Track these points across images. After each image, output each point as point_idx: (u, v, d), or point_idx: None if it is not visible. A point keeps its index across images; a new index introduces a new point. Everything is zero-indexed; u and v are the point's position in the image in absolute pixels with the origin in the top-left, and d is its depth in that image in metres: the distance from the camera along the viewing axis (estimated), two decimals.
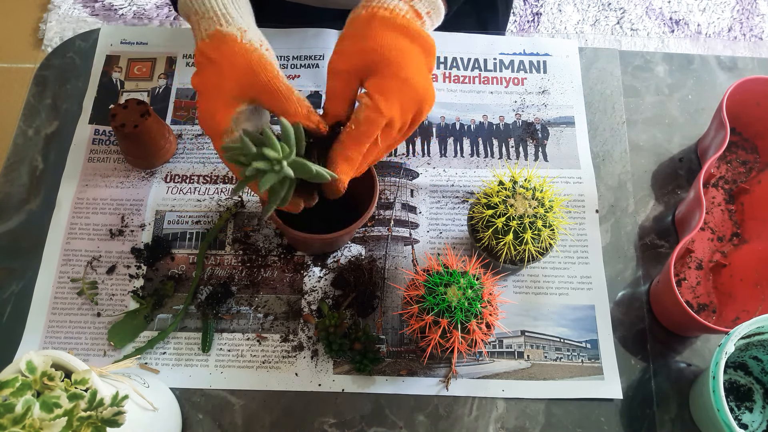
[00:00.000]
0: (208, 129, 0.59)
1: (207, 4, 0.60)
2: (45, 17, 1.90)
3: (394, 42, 0.58)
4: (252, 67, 0.57)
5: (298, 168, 0.56)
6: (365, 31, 0.59)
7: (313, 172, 0.56)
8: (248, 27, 0.59)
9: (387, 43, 0.58)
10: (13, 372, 0.48)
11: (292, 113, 0.57)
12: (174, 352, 0.72)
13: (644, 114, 0.88)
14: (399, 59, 0.58)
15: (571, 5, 1.96)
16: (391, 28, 0.59)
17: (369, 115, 0.57)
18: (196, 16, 0.61)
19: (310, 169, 0.56)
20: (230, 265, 0.77)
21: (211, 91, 0.58)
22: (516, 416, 0.70)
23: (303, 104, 0.58)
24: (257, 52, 0.58)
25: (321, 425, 0.69)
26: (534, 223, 0.65)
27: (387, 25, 0.59)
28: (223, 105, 0.58)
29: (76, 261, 0.76)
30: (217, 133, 0.58)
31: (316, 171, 0.56)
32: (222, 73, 0.58)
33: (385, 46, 0.58)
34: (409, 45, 0.59)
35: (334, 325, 0.71)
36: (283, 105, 0.57)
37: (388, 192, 0.81)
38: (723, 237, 0.80)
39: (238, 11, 0.60)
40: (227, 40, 0.58)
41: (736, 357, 0.71)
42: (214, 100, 0.58)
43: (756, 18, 1.96)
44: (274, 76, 0.57)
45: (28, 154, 0.83)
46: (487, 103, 0.88)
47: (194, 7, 0.61)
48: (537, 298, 0.76)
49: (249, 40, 0.58)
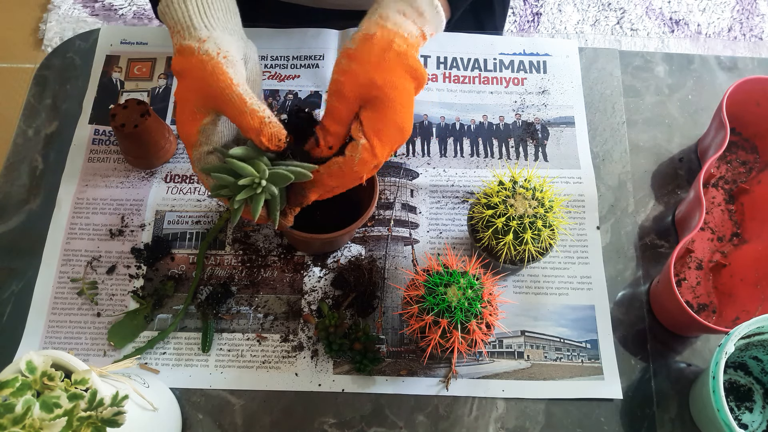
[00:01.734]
0: (182, 138, 0.61)
1: (174, 17, 0.60)
2: (45, 17, 1.90)
3: (401, 82, 0.59)
4: (206, 78, 0.57)
5: (278, 179, 0.58)
6: (378, 62, 0.58)
7: (291, 178, 0.58)
8: (209, 36, 0.58)
9: (394, 82, 0.58)
10: (13, 372, 0.48)
11: (244, 127, 0.57)
12: (174, 352, 0.72)
13: (644, 114, 0.88)
14: (400, 102, 0.59)
15: (571, 5, 1.96)
16: (403, 66, 0.59)
17: (364, 157, 0.58)
18: (170, 31, 0.61)
19: (288, 176, 0.57)
20: (230, 265, 0.77)
21: (180, 103, 0.59)
22: (516, 416, 0.70)
23: (255, 116, 0.56)
24: (212, 61, 0.57)
25: (321, 425, 0.69)
26: (534, 223, 0.65)
27: (400, 62, 0.59)
28: (191, 118, 0.59)
29: (76, 261, 0.76)
30: (189, 144, 0.60)
31: (294, 176, 0.58)
32: (186, 86, 0.59)
33: (393, 85, 0.58)
34: (410, 85, 0.60)
35: (334, 325, 0.71)
36: (236, 117, 0.57)
37: (388, 192, 0.81)
38: (723, 237, 0.80)
39: (204, 19, 0.60)
40: (186, 53, 0.58)
41: (736, 357, 0.71)
42: (183, 113, 0.59)
43: (756, 18, 1.96)
44: (226, 86, 0.56)
45: (28, 154, 0.83)
46: (487, 103, 0.88)
47: (166, 22, 0.61)
48: (537, 298, 0.76)
49: (206, 50, 0.57)
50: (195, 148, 0.60)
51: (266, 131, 0.56)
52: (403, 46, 0.59)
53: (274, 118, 0.57)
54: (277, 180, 0.58)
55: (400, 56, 0.58)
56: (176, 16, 0.60)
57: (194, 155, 0.60)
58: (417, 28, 0.60)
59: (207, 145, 0.60)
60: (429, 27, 0.62)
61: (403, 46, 0.59)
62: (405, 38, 0.59)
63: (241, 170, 0.56)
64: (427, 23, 0.61)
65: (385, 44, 0.58)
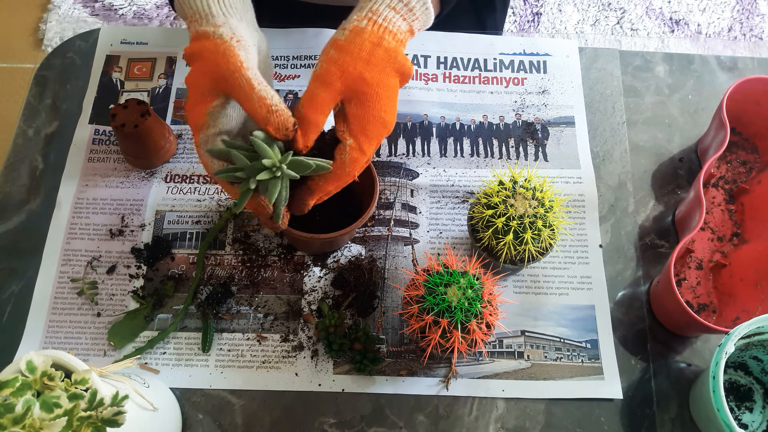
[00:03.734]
0: (190, 123, 0.61)
1: (193, 6, 0.60)
2: (45, 17, 1.90)
3: (388, 80, 0.60)
4: (217, 60, 0.57)
5: (298, 166, 0.57)
6: (368, 58, 0.58)
7: (312, 166, 0.57)
8: (225, 22, 0.59)
9: (382, 80, 0.59)
10: (13, 372, 0.48)
11: (252, 114, 0.56)
12: (174, 352, 0.72)
13: (644, 114, 0.88)
14: (386, 98, 0.60)
15: (571, 5, 1.96)
16: (391, 63, 0.59)
17: (354, 156, 0.59)
18: (186, 21, 0.62)
19: (309, 164, 0.57)
20: (230, 265, 0.77)
21: (191, 87, 0.59)
22: (516, 416, 0.70)
23: (263, 103, 0.56)
24: (225, 44, 0.57)
25: (321, 425, 0.69)
26: (534, 223, 0.65)
27: (389, 59, 0.59)
28: (200, 100, 0.59)
29: (76, 261, 0.76)
30: (197, 126, 0.60)
31: (315, 165, 0.57)
32: (198, 69, 0.59)
33: (380, 83, 0.59)
34: (396, 81, 0.61)
35: (334, 325, 0.71)
36: (244, 102, 0.57)
37: (388, 192, 0.81)
38: (723, 237, 0.80)
39: (222, 7, 0.60)
40: (201, 38, 0.59)
41: (736, 357, 0.71)
42: (193, 96, 0.59)
43: (756, 18, 1.96)
44: (236, 68, 0.56)
45: (28, 154, 0.83)
46: (487, 103, 0.88)
47: (184, 11, 0.61)
48: (537, 298, 0.76)
49: (220, 34, 0.58)
50: (202, 130, 0.59)
51: (273, 120, 0.56)
52: (393, 43, 0.59)
53: (282, 105, 0.56)
54: (298, 167, 0.57)
55: (389, 53, 0.59)
56: (195, 5, 0.60)
57: (201, 138, 0.59)
58: (407, 23, 0.61)
59: (214, 128, 0.59)
60: (417, 23, 0.62)
61: (393, 42, 0.59)
62: (394, 34, 0.59)
63: (264, 152, 0.55)
64: (416, 19, 0.62)
65: (375, 40, 0.58)
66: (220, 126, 0.59)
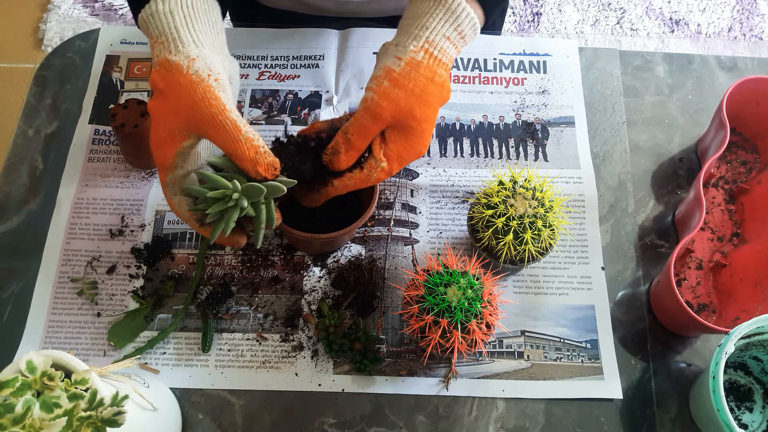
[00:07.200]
0: (155, 158, 0.58)
1: (159, 27, 0.56)
2: (45, 17, 1.90)
3: (434, 114, 0.61)
4: (196, 101, 0.54)
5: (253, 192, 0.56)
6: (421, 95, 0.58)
7: (264, 190, 0.56)
8: (198, 54, 0.56)
9: (429, 116, 0.60)
10: (13, 372, 0.48)
11: (238, 156, 0.55)
12: (174, 352, 0.72)
13: (644, 114, 0.88)
14: (428, 132, 0.61)
15: (571, 5, 1.96)
16: (440, 98, 0.60)
17: (381, 176, 0.61)
18: (151, 40, 0.58)
19: (261, 189, 0.56)
20: (230, 265, 0.77)
21: (159, 121, 0.57)
22: (516, 416, 0.70)
23: (251, 145, 0.54)
24: (203, 84, 0.54)
25: (321, 425, 0.69)
26: (534, 223, 0.65)
27: (439, 94, 0.60)
28: (169, 140, 0.56)
29: (76, 261, 0.76)
30: (163, 166, 0.58)
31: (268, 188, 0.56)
32: (168, 105, 0.56)
33: (427, 119, 0.60)
34: (437, 112, 0.61)
35: (334, 325, 0.71)
36: (228, 145, 0.54)
37: (388, 192, 0.81)
38: (723, 237, 0.80)
39: (192, 33, 0.57)
40: (173, 70, 0.55)
41: (736, 357, 0.71)
42: (161, 132, 0.57)
43: (756, 18, 1.96)
44: (219, 112, 0.54)
45: (28, 154, 0.83)
46: (487, 103, 0.88)
47: (149, 30, 0.58)
48: (537, 298, 0.76)
49: (195, 70, 0.54)
50: (170, 170, 0.58)
51: (262, 161, 0.55)
52: (444, 76, 0.60)
53: (266, 146, 0.56)
54: (252, 193, 0.55)
55: (439, 88, 0.59)
56: (161, 26, 0.56)
57: (168, 179, 0.58)
58: (456, 50, 0.61)
59: (182, 169, 0.58)
60: (464, 46, 0.63)
61: (444, 75, 0.60)
62: (446, 65, 0.60)
63: (215, 182, 0.54)
64: (465, 44, 0.62)
65: (430, 75, 0.58)
66: (188, 167, 0.58)
